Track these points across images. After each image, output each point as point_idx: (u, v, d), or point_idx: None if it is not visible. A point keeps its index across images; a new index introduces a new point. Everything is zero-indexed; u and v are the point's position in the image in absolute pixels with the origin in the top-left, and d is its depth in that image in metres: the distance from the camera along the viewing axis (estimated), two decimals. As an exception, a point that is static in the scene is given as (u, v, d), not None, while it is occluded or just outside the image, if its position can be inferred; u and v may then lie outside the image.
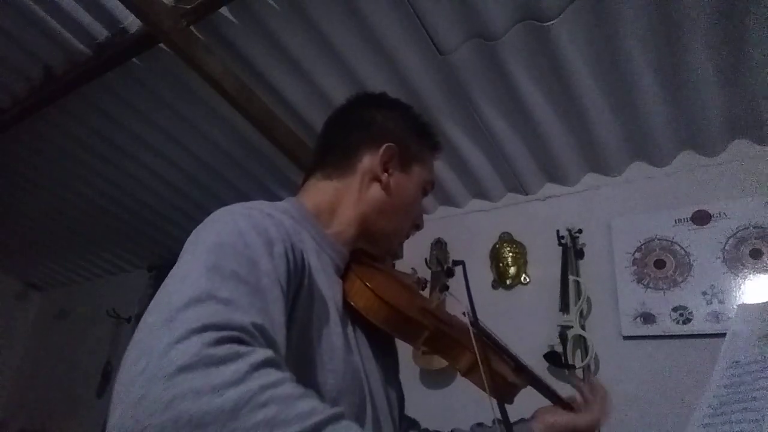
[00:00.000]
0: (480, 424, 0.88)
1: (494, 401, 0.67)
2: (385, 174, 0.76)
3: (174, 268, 0.50)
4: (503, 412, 0.66)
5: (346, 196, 0.75)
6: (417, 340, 0.72)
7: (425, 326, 0.71)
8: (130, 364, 0.40)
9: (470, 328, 0.73)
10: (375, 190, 0.76)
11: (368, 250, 0.78)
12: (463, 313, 0.80)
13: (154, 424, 0.35)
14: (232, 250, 0.51)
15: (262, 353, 0.41)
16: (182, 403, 0.36)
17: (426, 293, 1.80)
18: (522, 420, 0.84)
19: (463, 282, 0.80)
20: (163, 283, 0.48)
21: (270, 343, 0.46)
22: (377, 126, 0.79)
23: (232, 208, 0.60)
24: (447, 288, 1.95)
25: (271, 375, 0.40)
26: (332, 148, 0.80)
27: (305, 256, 0.61)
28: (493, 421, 0.86)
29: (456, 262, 0.82)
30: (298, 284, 0.58)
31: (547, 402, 0.86)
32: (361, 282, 0.68)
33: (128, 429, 0.36)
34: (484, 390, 0.74)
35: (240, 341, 0.41)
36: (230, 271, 0.48)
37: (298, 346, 0.57)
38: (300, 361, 0.57)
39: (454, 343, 0.75)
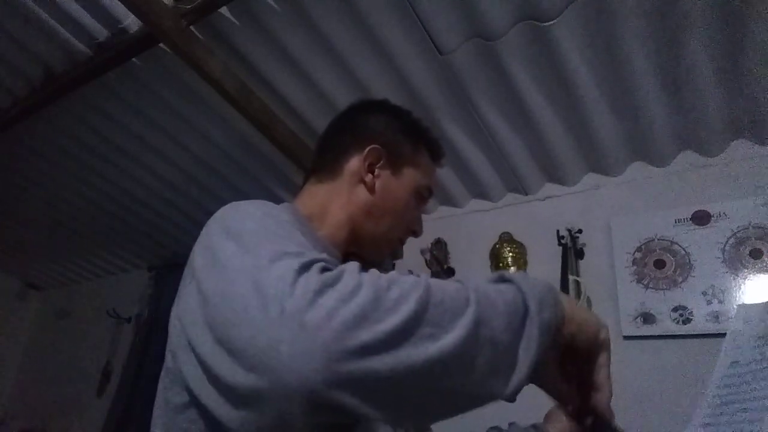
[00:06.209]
0: (512, 424, 0.87)
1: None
2: (370, 175, 0.77)
3: (219, 256, 0.51)
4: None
5: (335, 199, 0.76)
6: None
7: None
8: (250, 321, 0.41)
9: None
10: (361, 192, 0.76)
11: (361, 254, 0.78)
12: None
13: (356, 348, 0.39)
14: (272, 221, 0.55)
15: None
16: (369, 320, 0.40)
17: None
18: (534, 426, 0.83)
19: None
20: (219, 268, 0.49)
21: None
22: (367, 128, 0.80)
23: (236, 203, 0.61)
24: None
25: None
26: (324, 152, 0.82)
27: None
28: (510, 425, 0.85)
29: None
30: None
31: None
32: None
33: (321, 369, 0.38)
34: None
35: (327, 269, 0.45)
36: (286, 232, 0.53)
37: None
38: None
39: None
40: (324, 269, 0.44)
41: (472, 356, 0.44)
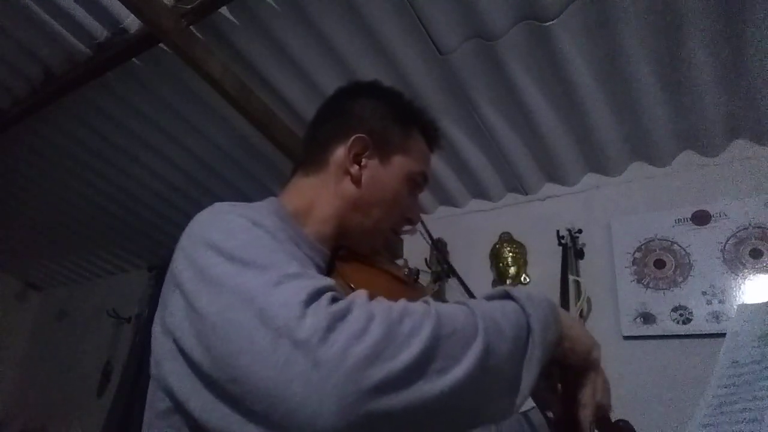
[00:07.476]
0: None
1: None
2: (356, 166, 0.71)
3: (212, 273, 0.48)
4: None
5: (322, 193, 0.72)
6: None
7: None
8: (257, 359, 0.40)
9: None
10: (347, 184, 0.71)
11: (352, 247, 0.74)
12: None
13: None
14: (261, 230, 0.53)
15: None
16: (383, 357, 0.39)
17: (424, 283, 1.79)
18: (534, 408, 0.83)
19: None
20: (215, 287, 0.47)
21: None
22: (352, 116, 0.75)
23: (219, 208, 0.59)
24: (439, 279, 1.96)
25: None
26: (310, 143, 0.78)
27: None
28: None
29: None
30: None
31: None
32: (343, 281, 0.64)
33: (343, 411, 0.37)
34: None
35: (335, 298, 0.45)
36: (276, 242, 0.52)
37: None
38: None
39: None
40: (333, 299, 0.44)
41: (482, 385, 0.45)
